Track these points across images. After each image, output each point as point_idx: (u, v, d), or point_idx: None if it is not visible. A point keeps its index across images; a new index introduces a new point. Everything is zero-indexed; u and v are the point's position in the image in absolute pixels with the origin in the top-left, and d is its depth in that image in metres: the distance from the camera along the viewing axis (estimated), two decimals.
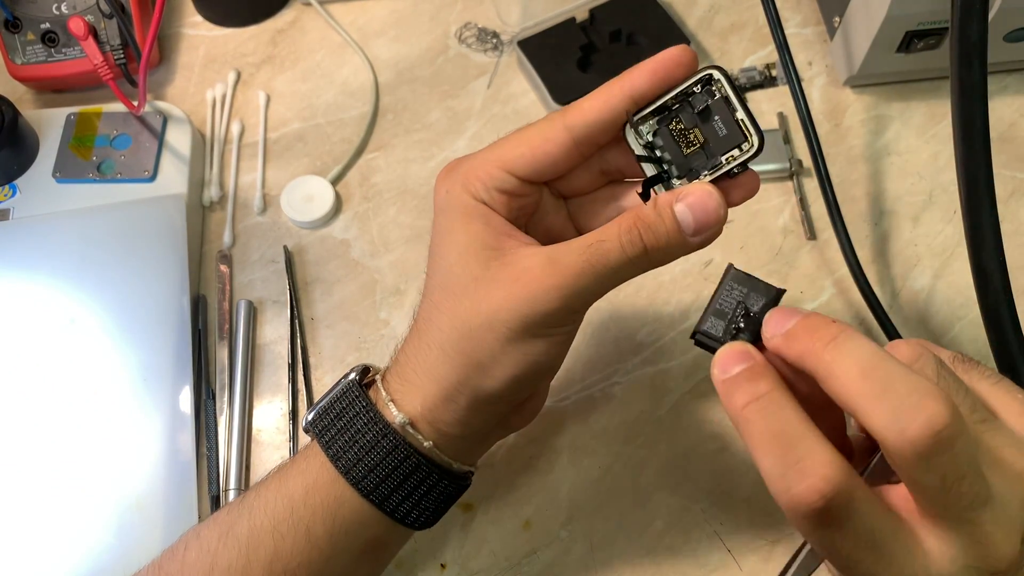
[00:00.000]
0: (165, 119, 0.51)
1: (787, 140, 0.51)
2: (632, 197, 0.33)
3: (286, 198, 0.50)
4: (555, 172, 0.32)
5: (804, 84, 0.51)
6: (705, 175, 0.30)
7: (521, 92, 0.54)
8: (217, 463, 0.43)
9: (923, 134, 0.51)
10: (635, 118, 0.31)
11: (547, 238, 0.34)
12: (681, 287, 0.48)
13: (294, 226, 0.51)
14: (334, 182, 0.51)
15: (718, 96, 0.30)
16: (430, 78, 0.55)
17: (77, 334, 0.45)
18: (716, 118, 0.30)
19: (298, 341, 0.46)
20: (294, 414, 0.45)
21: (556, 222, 0.35)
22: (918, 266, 0.48)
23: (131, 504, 0.41)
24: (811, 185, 0.50)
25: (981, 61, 0.34)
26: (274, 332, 0.47)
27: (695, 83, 0.30)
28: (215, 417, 0.44)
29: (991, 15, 0.44)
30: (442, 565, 0.41)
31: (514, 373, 0.30)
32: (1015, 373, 0.36)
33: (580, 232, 0.34)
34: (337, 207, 0.51)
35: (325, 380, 0.46)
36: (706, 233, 0.29)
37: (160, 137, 0.50)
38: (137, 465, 0.42)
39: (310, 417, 0.33)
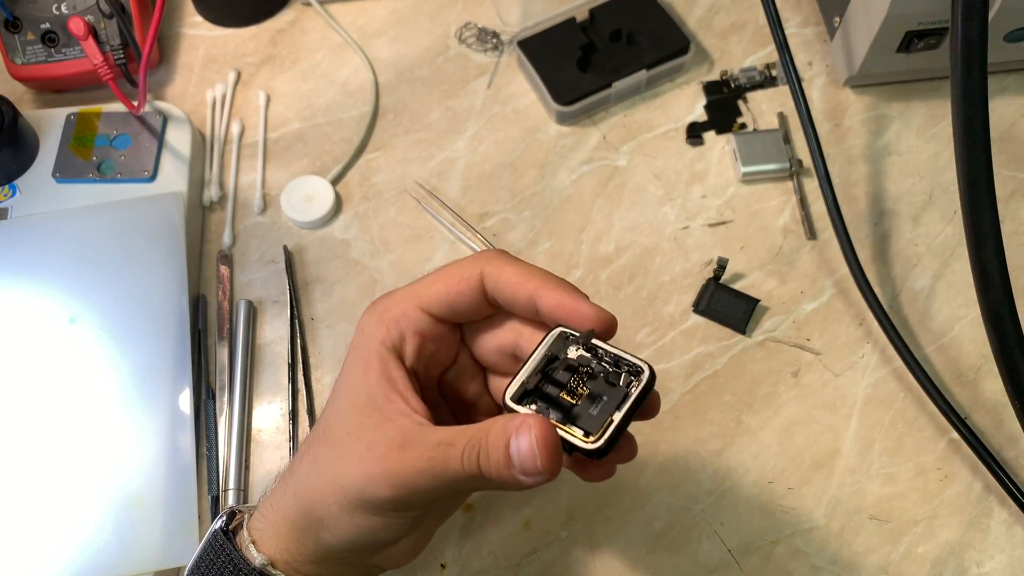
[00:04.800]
0: (165, 119, 0.51)
1: (787, 140, 0.51)
2: (523, 331, 0.32)
3: (286, 198, 0.50)
4: (468, 314, 0.32)
5: (804, 84, 0.51)
6: (616, 412, 0.28)
7: (521, 92, 0.54)
8: (217, 463, 0.43)
9: (923, 134, 0.51)
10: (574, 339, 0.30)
11: (458, 403, 0.34)
12: (681, 287, 0.47)
13: (294, 226, 0.50)
14: (334, 182, 0.51)
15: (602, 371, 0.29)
16: (430, 78, 0.55)
17: (77, 334, 0.45)
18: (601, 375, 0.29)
19: (298, 341, 0.46)
20: (294, 414, 0.45)
21: (471, 389, 0.34)
22: (918, 266, 0.47)
23: (131, 503, 0.41)
24: (811, 185, 0.50)
25: (981, 61, 0.34)
26: (274, 332, 0.47)
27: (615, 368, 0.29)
28: (215, 417, 0.44)
29: (991, 15, 0.44)
30: (442, 565, 0.41)
31: (350, 538, 0.30)
32: (1016, 373, 0.36)
33: (493, 396, 0.34)
34: (337, 207, 0.51)
35: (325, 380, 0.46)
36: (535, 478, 0.26)
37: (160, 137, 0.50)
38: (137, 465, 0.42)
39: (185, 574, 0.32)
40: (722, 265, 0.46)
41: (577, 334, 0.29)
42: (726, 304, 0.46)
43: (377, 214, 0.51)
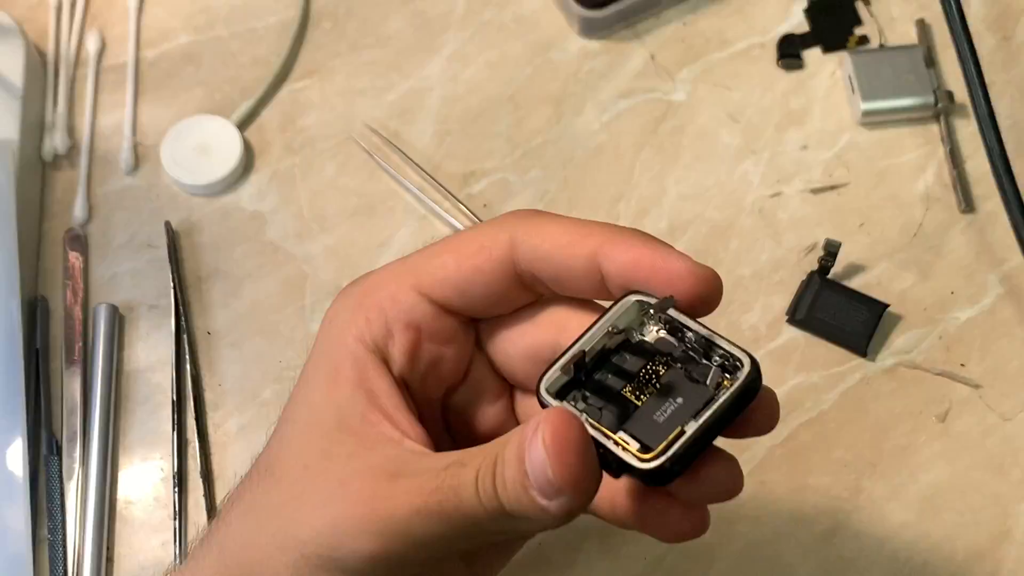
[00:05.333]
0: None
1: (930, 63, 0.45)
2: (569, 322, 0.29)
3: (169, 150, 0.45)
4: (488, 302, 0.28)
5: None
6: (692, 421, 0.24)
7: None
8: (64, 551, 0.39)
9: None
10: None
11: (470, 440, 0.29)
12: (769, 285, 0.44)
13: (181, 192, 0.45)
14: (242, 125, 0.45)
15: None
16: None
17: None
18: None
19: (187, 367, 0.42)
20: (181, 477, 0.39)
21: (488, 416, 0.30)
22: None
23: None
24: (967, 130, 0.44)
25: None
26: (151, 354, 0.42)
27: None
28: (61, 482, 0.40)
29: None
30: None
31: None
32: None
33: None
34: (246, 163, 0.45)
35: (228, 426, 0.40)
36: (555, 501, 0.23)
37: None
38: None
39: None
40: (832, 252, 0.42)
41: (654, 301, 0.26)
42: (838, 311, 0.42)
43: (307, 174, 0.45)
